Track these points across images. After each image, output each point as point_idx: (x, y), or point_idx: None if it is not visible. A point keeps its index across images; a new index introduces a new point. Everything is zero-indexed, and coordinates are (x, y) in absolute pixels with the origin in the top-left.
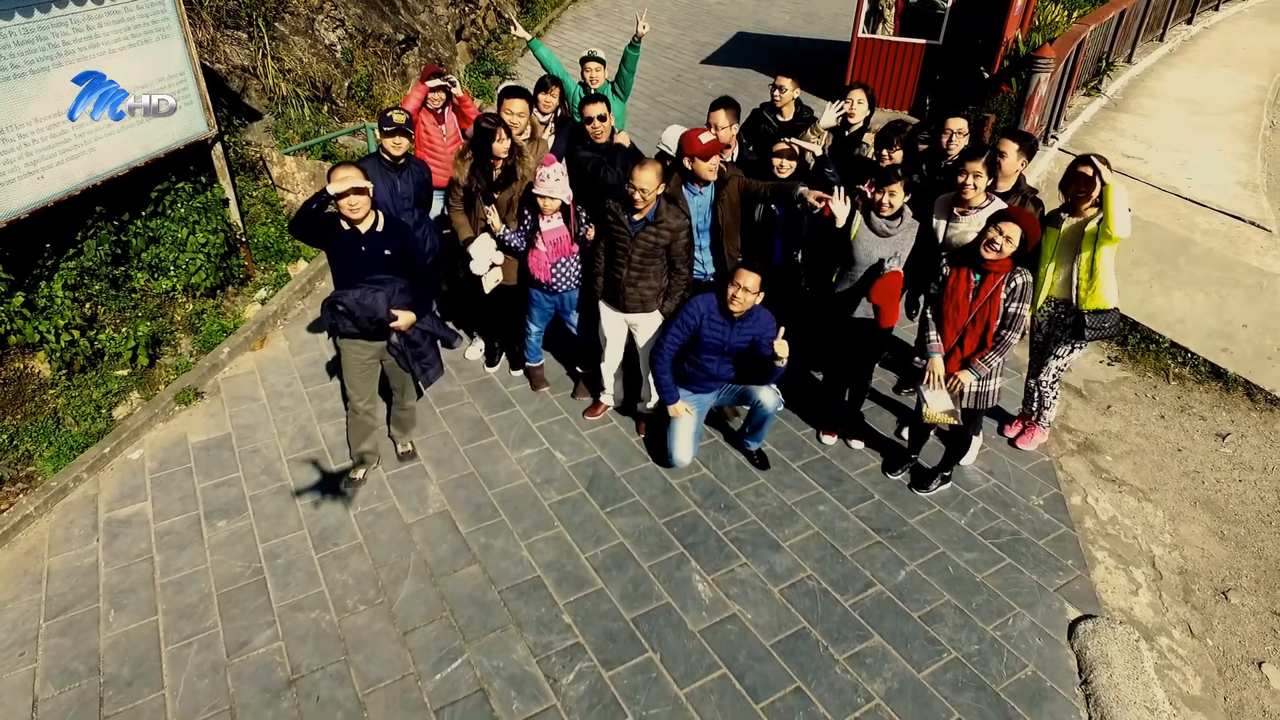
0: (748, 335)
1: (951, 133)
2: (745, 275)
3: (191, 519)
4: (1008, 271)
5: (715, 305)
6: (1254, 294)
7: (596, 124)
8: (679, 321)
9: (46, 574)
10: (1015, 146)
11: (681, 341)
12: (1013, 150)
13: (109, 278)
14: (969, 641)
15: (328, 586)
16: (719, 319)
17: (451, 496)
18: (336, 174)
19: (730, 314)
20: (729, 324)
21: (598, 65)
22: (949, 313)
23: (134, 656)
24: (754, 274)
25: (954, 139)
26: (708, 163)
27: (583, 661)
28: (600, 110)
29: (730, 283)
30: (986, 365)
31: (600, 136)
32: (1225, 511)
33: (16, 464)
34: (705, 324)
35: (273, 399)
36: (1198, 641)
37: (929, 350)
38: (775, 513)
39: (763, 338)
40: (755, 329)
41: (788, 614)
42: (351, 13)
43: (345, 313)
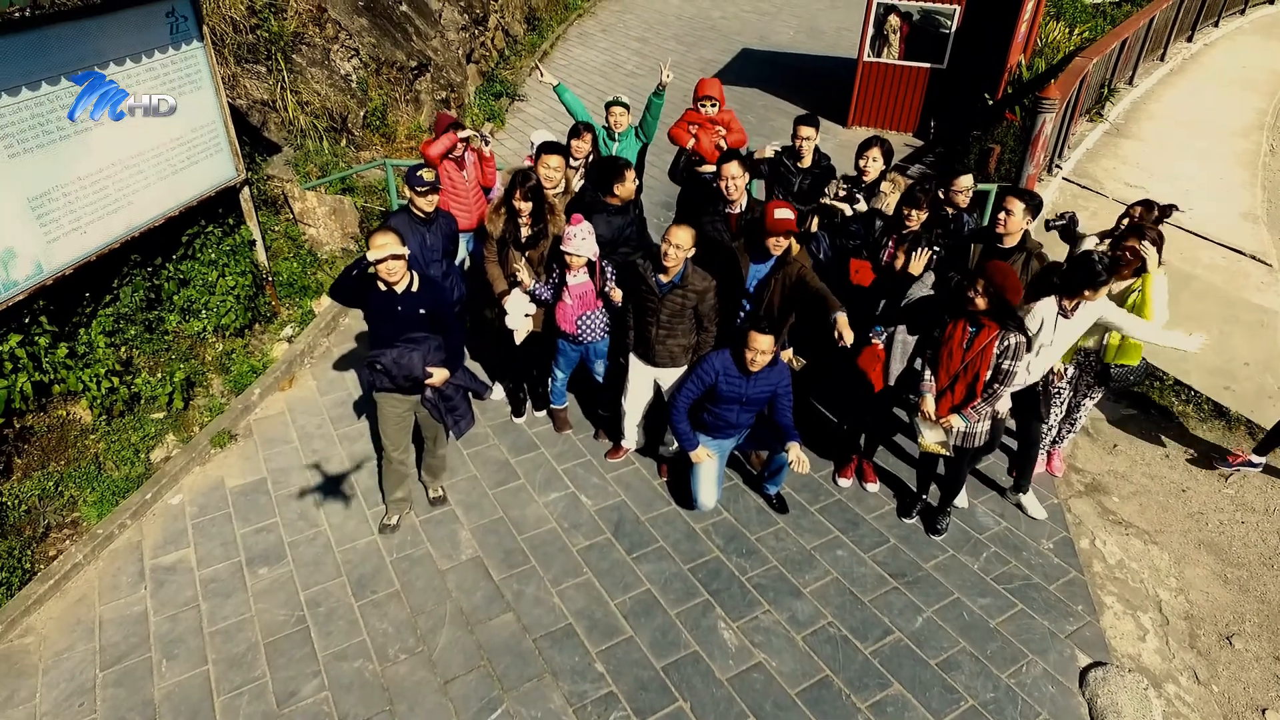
0: (765, 387)
1: (960, 190)
2: (758, 339)
3: (234, 566)
4: (999, 329)
5: (730, 362)
6: (1255, 331)
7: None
8: (695, 377)
9: (99, 623)
10: (1022, 206)
11: (696, 396)
12: (1019, 209)
13: (143, 322)
14: (984, 689)
15: (369, 635)
16: (735, 374)
17: (483, 542)
18: (375, 240)
19: (747, 370)
20: (745, 378)
21: (622, 110)
22: (944, 358)
23: (188, 707)
24: (766, 335)
25: (1010, 219)
26: (772, 239)
27: (617, 711)
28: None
29: (746, 347)
30: (976, 414)
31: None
32: (1229, 554)
33: (62, 510)
34: (722, 379)
35: (304, 441)
36: (1203, 688)
37: (922, 389)
38: (795, 558)
39: (779, 387)
40: (771, 379)
41: (810, 662)
42: (365, 41)
43: (383, 371)
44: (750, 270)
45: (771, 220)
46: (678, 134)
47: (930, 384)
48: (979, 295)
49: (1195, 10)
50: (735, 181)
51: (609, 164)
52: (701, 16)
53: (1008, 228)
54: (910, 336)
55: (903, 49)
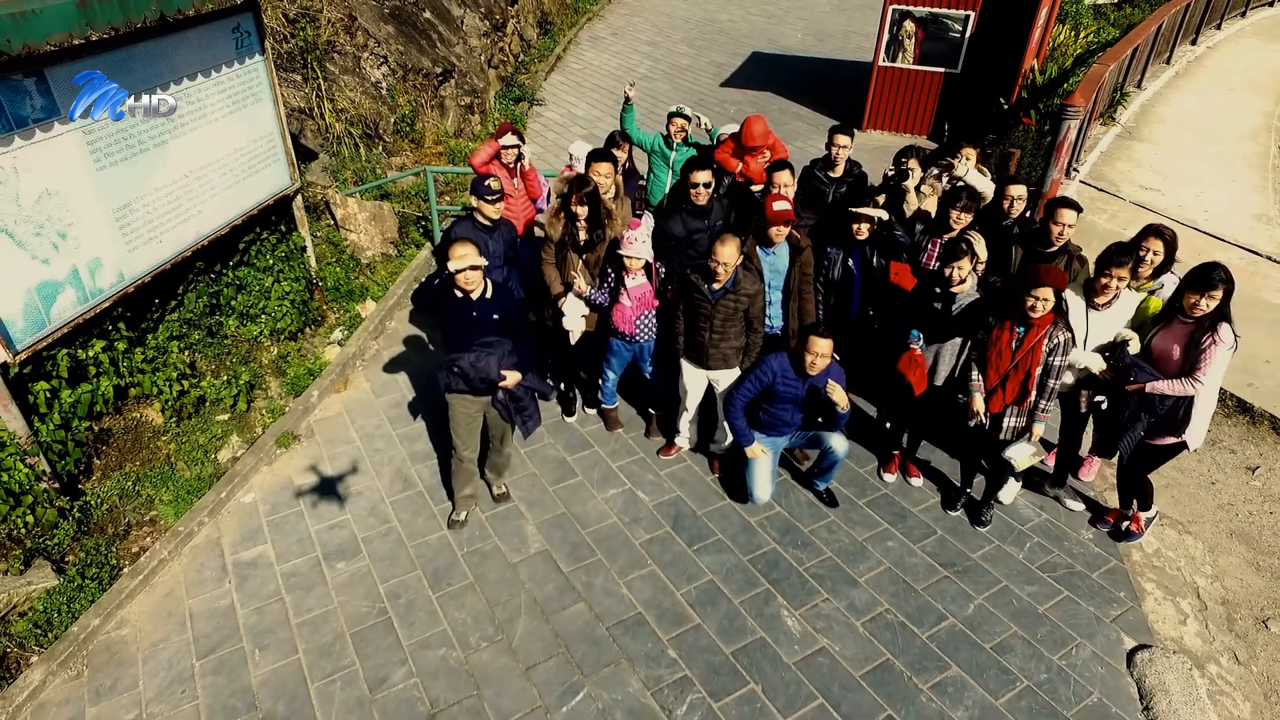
0: (822, 385)
1: (1012, 198)
2: (818, 342)
3: (312, 560)
4: (1049, 325)
5: (788, 365)
6: (1273, 330)
7: (700, 190)
8: (753, 377)
9: (189, 615)
10: (1074, 215)
11: (754, 395)
12: (1072, 218)
13: (206, 327)
14: (1038, 671)
15: (449, 625)
16: (792, 376)
17: (549, 536)
18: (455, 251)
19: (805, 373)
20: (802, 380)
21: (684, 121)
22: (992, 359)
23: (286, 693)
24: (826, 339)
25: (1014, 204)
26: (774, 229)
27: (693, 693)
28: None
29: (806, 350)
30: (1046, 413)
31: (700, 199)
32: (1259, 543)
33: (140, 508)
34: (779, 381)
35: (365, 441)
36: (1243, 668)
37: (971, 389)
38: (848, 549)
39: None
40: (825, 378)
41: (871, 646)
42: (393, 48)
43: (460, 374)
44: (765, 262)
45: (771, 212)
46: (724, 159)
47: (978, 382)
48: (1043, 303)
49: (1199, 13)
50: (788, 189)
51: (686, 165)
52: (709, 19)
53: (1063, 237)
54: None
55: (917, 54)
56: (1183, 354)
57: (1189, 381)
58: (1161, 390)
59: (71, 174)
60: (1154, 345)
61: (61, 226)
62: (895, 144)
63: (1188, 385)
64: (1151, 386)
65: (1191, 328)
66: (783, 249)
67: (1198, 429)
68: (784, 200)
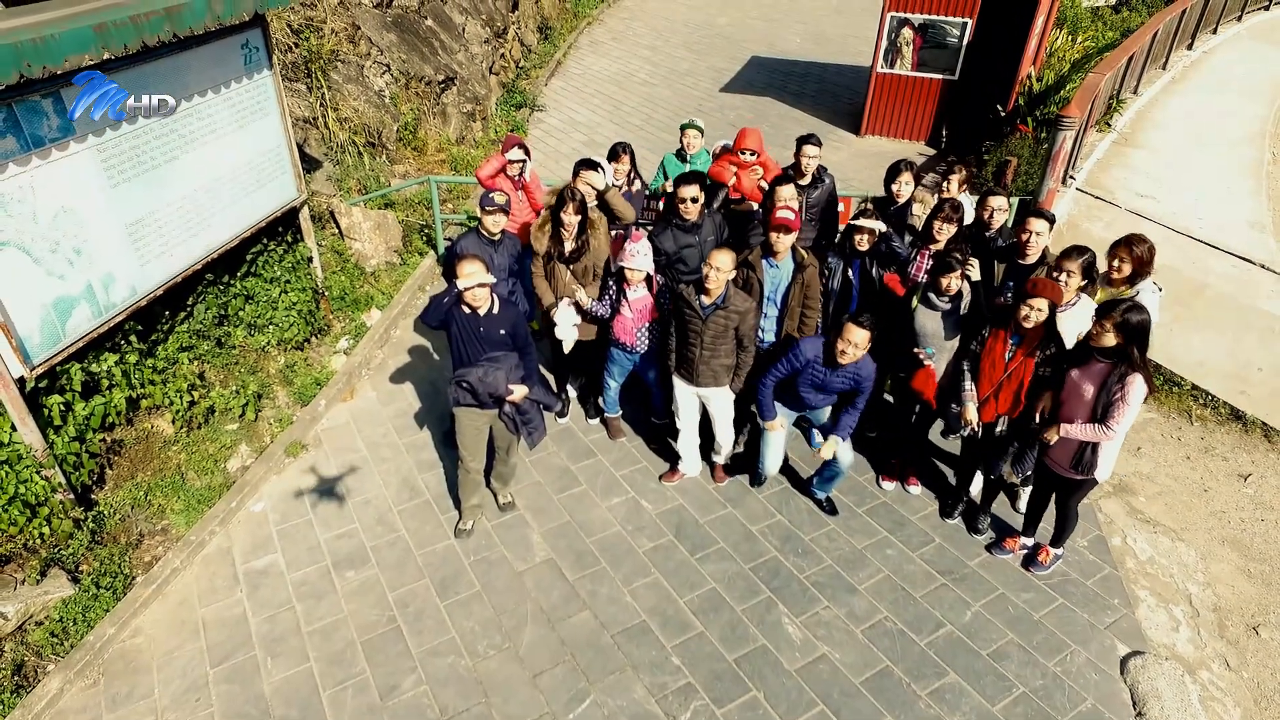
0: (847, 379)
1: (993, 209)
2: (855, 331)
3: (322, 569)
4: (1042, 336)
5: (820, 353)
6: (1266, 338)
7: (689, 205)
8: (786, 359)
9: (202, 624)
10: (1045, 225)
11: (784, 376)
12: (1042, 226)
13: (214, 338)
14: (1034, 677)
15: (458, 633)
16: (822, 364)
17: (554, 545)
18: (463, 269)
19: (835, 362)
20: (831, 369)
21: (696, 133)
22: (985, 368)
23: (298, 701)
24: (864, 330)
25: (994, 215)
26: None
27: (696, 700)
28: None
29: (840, 338)
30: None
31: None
32: (1251, 550)
33: (152, 518)
34: (809, 368)
35: (372, 450)
36: (1234, 674)
37: (964, 399)
38: (848, 557)
39: (862, 385)
40: (858, 372)
41: (871, 654)
42: (395, 57)
43: (469, 389)
44: (767, 275)
45: (775, 219)
46: (717, 173)
47: (971, 392)
48: (1038, 313)
49: (1196, 18)
50: (791, 203)
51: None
52: (708, 23)
53: (1031, 247)
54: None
55: (915, 60)
56: (1095, 395)
57: (1101, 429)
58: (1074, 436)
59: (86, 191)
60: (1068, 380)
61: (76, 243)
62: (893, 150)
63: (1100, 432)
64: (1065, 431)
65: (1106, 370)
66: (786, 263)
67: (1105, 467)
68: (788, 209)
